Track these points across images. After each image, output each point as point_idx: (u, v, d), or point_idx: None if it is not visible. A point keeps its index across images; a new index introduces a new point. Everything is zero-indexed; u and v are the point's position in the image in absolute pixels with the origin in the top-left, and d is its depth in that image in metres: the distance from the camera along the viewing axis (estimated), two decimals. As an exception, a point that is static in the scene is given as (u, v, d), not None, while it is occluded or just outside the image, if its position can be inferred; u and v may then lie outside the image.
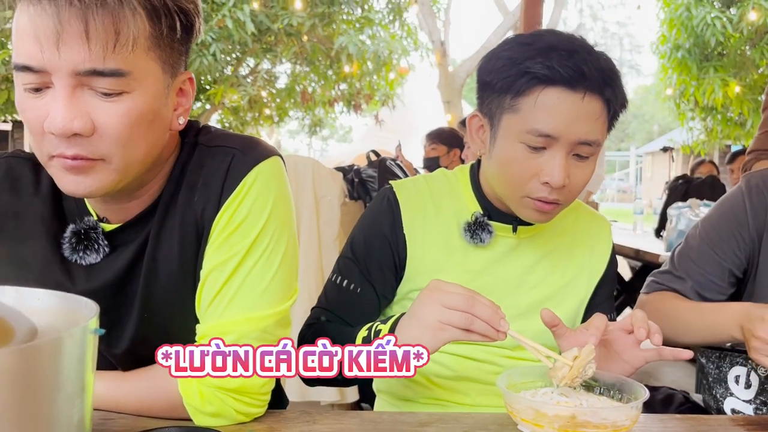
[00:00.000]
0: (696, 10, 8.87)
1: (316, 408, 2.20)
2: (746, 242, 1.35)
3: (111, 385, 0.96)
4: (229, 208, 0.94)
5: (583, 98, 1.07)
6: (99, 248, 0.95)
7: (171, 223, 0.96)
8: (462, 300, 0.94)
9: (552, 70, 1.05)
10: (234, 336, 0.93)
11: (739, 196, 1.38)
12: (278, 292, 0.97)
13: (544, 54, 1.06)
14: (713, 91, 9.08)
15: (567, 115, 1.07)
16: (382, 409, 1.32)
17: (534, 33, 1.13)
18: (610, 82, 1.09)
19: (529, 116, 1.08)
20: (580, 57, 1.06)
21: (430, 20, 12.94)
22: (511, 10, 13.95)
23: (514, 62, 1.09)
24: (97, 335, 0.51)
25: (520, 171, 1.11)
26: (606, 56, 1.11)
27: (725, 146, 12.06)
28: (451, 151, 4.17)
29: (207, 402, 0.92)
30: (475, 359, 1.21)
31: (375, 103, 9.68)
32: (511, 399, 0.92)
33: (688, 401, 1.42)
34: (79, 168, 0.84)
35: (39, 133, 0.83)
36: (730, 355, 1.24)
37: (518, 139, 1.10)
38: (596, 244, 1.30)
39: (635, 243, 4.03)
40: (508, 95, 1.10)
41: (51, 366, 0.44)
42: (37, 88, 0.83)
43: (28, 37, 0.80)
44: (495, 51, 1.15)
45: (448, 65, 13.38)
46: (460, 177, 1.28)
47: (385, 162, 3.52)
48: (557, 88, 1.07)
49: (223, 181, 0.95)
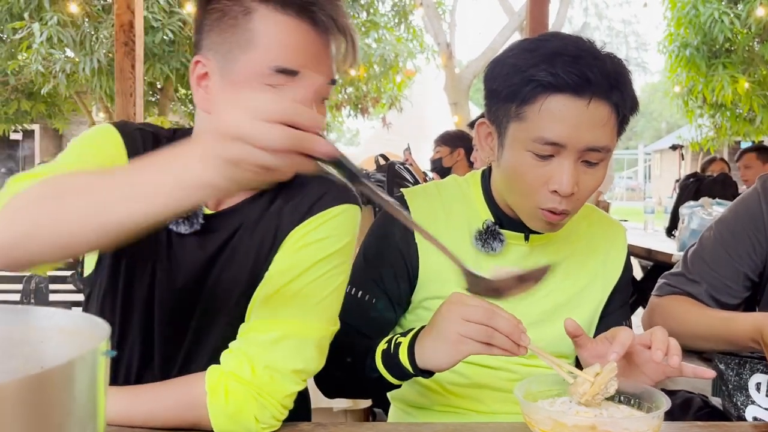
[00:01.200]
0: (703, 7, 8.82)
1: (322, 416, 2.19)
2: (762, 245, 1.32)
3: (130, 399, 0.95)
4: (309, 225, 1.01)
5: (588, 104, 1.04)
6: (194, 222, 1.01)
7: (260, 223, 1.03)
8: (482, 313, 0.93)
9: (556, 77, 1.03)
10: (279, 333, 0.95)
11: (755, 198, 1.35)
12: (327, 312, 1.00)
13: (548, 60, 1.04)
14: (722, 88, 9.02)
15: (573, 122, 1.04)
16: (397, 417, 1.31)
17: (538, 38, 1.11)
18: (617, 86, 1.06)
19: (535, 124, 1.06)
20: (585, 62, 1.04)
21: (435, 22, 12.94)
22: (517, 11, 13.93)
23: (518, 69, 1.07)
24: (108, 357, 0.49)
25: (529, 180, 1.09)
26: (614, 58, 1.09)
27: (734, 143, 11.98)
28: (454, 151, 4.15)
29: (231, 399, 0.92)
30: (490, 367, 1.20)
31: (382, 106, 9.69)
32: (529, 409, 0.91)
33: (707, 405, 1.40)
34: None
35: None
36: (750, 361, 1.22)
37: (525, 147, 1.08)
38: (610, 250, 1.28)
39: (647, 242, 4.01)
40: (514, 103, 1.08)
41: (61, 393, 0.43)
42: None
43: (291, 47, 0.94)
44: (500, 57, 1.13)
45: (454, 67, 13.37)
46: (472, 184, 1.27)
47: (394, 166, 3.51)
48: (562, 95, 1.04)
49: (314, 202, 1.02)
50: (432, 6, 12.34)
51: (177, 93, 10.41)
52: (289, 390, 0.95)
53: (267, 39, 0.94)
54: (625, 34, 33.53)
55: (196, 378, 0.96)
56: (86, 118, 12.00)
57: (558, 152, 1.06)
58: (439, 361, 0.99)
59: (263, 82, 0.94)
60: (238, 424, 0.92)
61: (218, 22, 0.97)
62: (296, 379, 0.96)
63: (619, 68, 1.08)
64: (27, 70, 9.16)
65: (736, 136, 10.49)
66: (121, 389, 0.97)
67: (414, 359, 1.01)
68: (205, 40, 0.99)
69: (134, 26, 4.05)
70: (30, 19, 8.67)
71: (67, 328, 0.56)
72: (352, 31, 1.01)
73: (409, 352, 1.02)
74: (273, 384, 0.94)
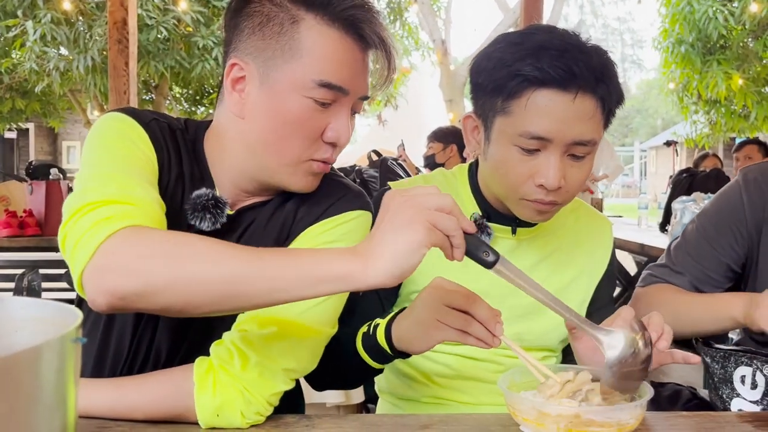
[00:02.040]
0: (698, 4, 8.84)
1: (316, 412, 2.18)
2: (744, 237, 1.33)
3: (115, 390, 0.94)
4: (323, 226, 1.01)
5: (574, 98, 1.03)
6: (217, 221, 1.00)
7: (273, 222, 1.03)
8: (462, 299, 0.94)
9: (542, 72, 1.02)
10: (277, 329, 0.94)
11: (737, 190, 1.35)
12: (327, 314, 0.99)
13: (534, 54, 1.03)
14: (716, 84, 9.05)
15: (559, 116, 1.04)
16: (385, 409, 1.31)
17: (524, 31, 1.10)
18: (603, 79, 1.05)
19: (521, 119, 1.05)
20: (570, 56, 1.02)
21: (430, 19, 12.94)
22: (512, 8, 13.93)
23: (503, 64, 1.06)
24: (79, 344, 0.49)
25: (515, 174, 1.09)
26: (600, 51, 1.07)
27: (729, 139, 12.01)
28: (447, 147, 4.15)
29: (218, 391, 0.91)
30: (475, 358, 1.20)
31: (378, 104, 9.69)
32: (513, 399, 0.91)
33: (696, 397, 1.40)
34: (319, 172, 1.01)
35: (313, 138, 0.97)
36: (734, 354, 1.22)
37: (511, 141, 1.07)
38: (597, 244, 1.28)
39: (640, 238, 4.01)
40: (500, 98, 1.07)
41: (28, 379, 0.43)
42: (328, 103, 0.96)
43: (337, 62, 0.95)
44: (486, 51, 1.12)
45: (449, 64, 13.36)
46: (459, 177, 1.26)
47: (386, 162, 3.51)
48: (548, 89, 1.03)
49: (329, 206, 1.03)
50: (427, 3, 12.33)
51: (171, 91, 10.40)
52: (278, 388, 0.94)
53: (313, 51, 0.93)
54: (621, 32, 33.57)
55: (184, 370, 0.95)
56: (81, 116, 11.98)
57: (544, 146, 1.06)
58: (414, 345, 1.00)
59: (304, 94, 0.94)
60: (222, 418, 0.92)
61: (261, 26, 0.95)
62: (285, 378, 0.95)
63: (605, 61, 1.07)
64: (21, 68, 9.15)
65: (731, 132, 10.52)
66: (105, 381, 0.96)
67: (391, 340, 1.02)
68: (243, 43, 0.97)
69: (128, 24, 4.04)
70: (23, 17, 8.65)
71: (42, 317, 0.56)
72: (393, 48, 1.01)
73: (386, 333, 1.03)
74: (262, 380, 0.93)
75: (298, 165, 0.98)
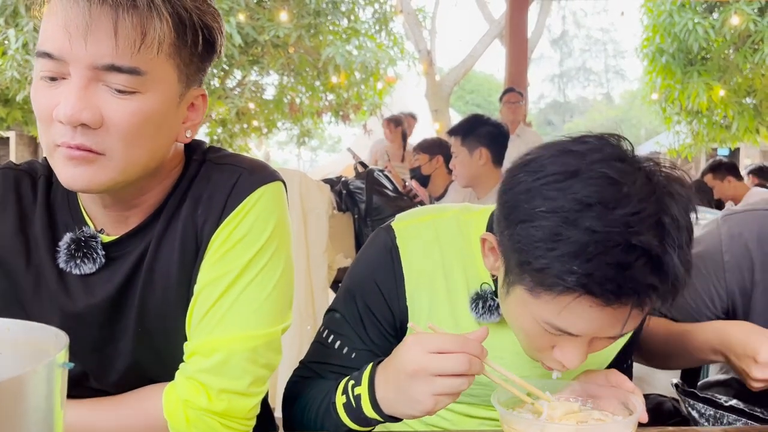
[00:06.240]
0: (678, 16, 8.94)
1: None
2: (723, 299, 1.25)
3: (90, 413, 0.93)
4: (229, 225, 0.94)
5: (616, 308, 0.86)
6: (96, 258, 0.94)
7: (172, 235, 0.95)
8: (454, 344, 0.87)
9: (589, 285, 0.83)
10: (223, 354, 0.91)
11: (718, 247, 1.24)
12: (271, 314, 0.95)
13: (586, 259, 0.82)
14: (698, 95, 9.14)
15: (595, 323, 0.88)
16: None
17: (585, 200, 0.83)
18: (667, 297, 0.87)
19: (548, 311, 0.89)
20: (634, 274, 0.82)
21: (416, 29, 13.00)
22: (497, 19, 14.04)
23: (542, 247, 0.85)
24: (66, 369, 0.49)
25: (535, 343, 0.96)
26: (684, 259, 0.85)
27: (711, 149, 12.14)
28: (433, 158, 4.15)
29: (192, 426, 0.90)
30: (475, 417, 1.15)
31: (363, 113, 9.68)
32: (510, 418, 0.88)
33: (677, 412, 1.41)
34: (80, 159, 0.85)
35: (47, 120, 0.85)
36: (726, 416, 1.14)
37: (533, 317, 0.91)
38: None
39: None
40: (531, 278, 0.88)
41: (15, 406, 0.42)
42: (53, 77, 0.85)
43: (57, 26, 0.82)
44: (526, 186, 0.89)
45: (435, 74, 13.42)
46: (474, 229, 1.11)
47: (373, 173, 3.51)
48: (591, 296, 0.84)
49: (227, 197, 0.95)
50: (412, 13, 12.38)
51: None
52: (251, 404, 0.94)
53: (43, 21, 0.86)
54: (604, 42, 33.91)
55: (153, 395, 0.93)
56: (64, 124, 11.86)
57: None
58: (412, 416, 0.93)
59: (37, 72, 0.86)
60: None
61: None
62: (255, 391, 0.94)
63: (680, 275, 0.85)
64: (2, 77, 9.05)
65: (713, 142, 10.63)
66: (79, 402, 0.95)
67: (380, 408, 0.94)
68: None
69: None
70: (5, 25, 8.57)
71: (25, 340, 0.55)
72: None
73: (373, 404, 0.95)
74: (232, 405, 0.91)
75: (52, 155, 0.88)
